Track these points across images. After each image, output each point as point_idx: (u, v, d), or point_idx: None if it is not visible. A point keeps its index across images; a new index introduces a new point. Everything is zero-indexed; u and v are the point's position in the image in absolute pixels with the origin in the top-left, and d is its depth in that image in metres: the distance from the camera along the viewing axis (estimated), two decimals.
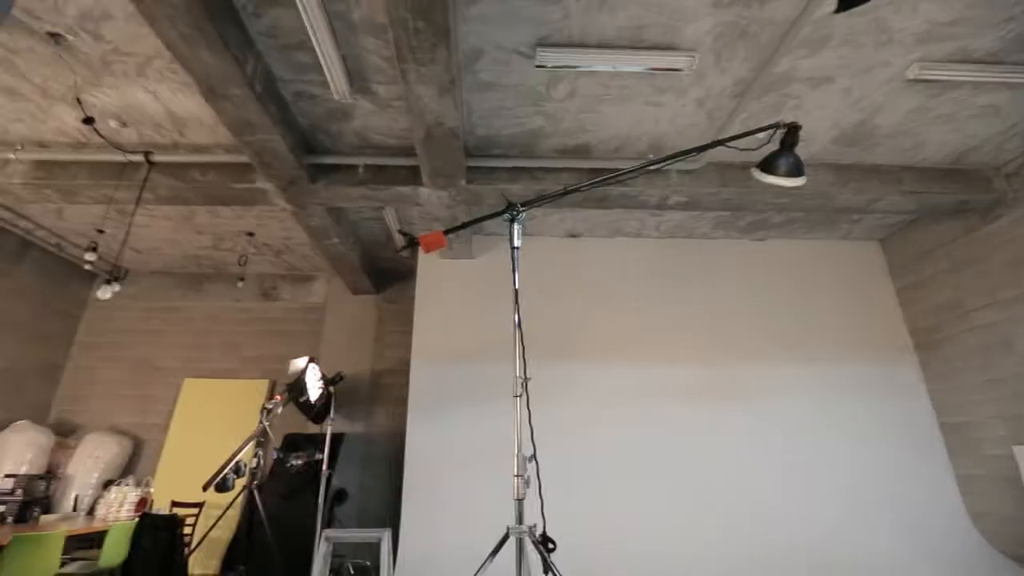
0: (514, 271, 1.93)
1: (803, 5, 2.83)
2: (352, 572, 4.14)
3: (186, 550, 4.18)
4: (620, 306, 5.39)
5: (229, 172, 4.11)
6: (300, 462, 4.37)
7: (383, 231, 5.50)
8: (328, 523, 4.35)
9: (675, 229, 5.56)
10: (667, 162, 3.66)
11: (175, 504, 4.97)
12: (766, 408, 5.09)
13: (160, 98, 3.57)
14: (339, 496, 4.76)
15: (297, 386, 4.33)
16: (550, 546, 1.57)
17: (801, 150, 2.11)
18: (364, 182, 4.11)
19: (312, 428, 5.28)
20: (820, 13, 2.88)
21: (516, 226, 1.96)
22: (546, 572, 1.52)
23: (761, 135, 2.07)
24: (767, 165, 2.07)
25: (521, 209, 1.97)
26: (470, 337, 5.11)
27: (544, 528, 1.62)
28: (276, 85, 3.36)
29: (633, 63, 3.19)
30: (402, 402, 5.09)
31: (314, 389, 4.48)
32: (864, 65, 3.34)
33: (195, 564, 5.06)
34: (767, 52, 3.18)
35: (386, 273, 6.45)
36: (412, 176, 4.09)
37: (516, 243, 1.95)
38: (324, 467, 3.98)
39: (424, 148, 3.56)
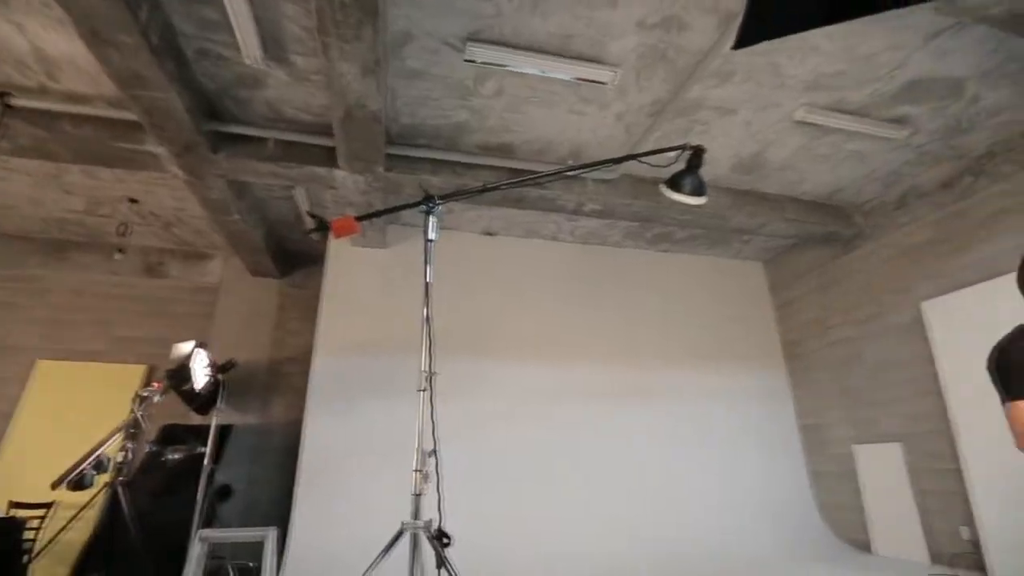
0: (427, 264, 1.90)
1: (715, 38, 3.07)
2: (233, 574, 3.85)
3: (26, 557, 3.64)
4: (534, 306, 5.52)
5: (111, 129, 3.63)
6: (178, 456, 3.98)
7: (292, 211, 5.17)
8: (208, 522, 4.01)
9: (588, 235, 5.79)
10: (585, 170, 3.84)
11: (15, 505, 4.31)
12: (662, 409, 5.47)
13: (26, 32, 3.07)
14: (222, 492, 4.41)
15: (181, 373, 3.95)
16: (445, 541, 1.56)
17: (705, 172, 2.28)
18: (274, 158, 3.83)
19: (197, 419, 4.83)
20: (728, 48, 3.15)
21: (432, 219, 1.93)
22: (440, 567, 1.52)
23: (671, 154, 2.22)
24: (674, 183, 2.23)
25: (439, 202, 1.94)
26: (378, 328, 4.96)
27: (440, 523, 1.61)
28: (177, 39, 3.03)
29: (561, 70, 3.28)
30: (301, 392, 4.82)
31: (201, 376, 4.11)
32: (762, 103, 3.69)
33: (39, 573, 4.43)
34: (682, 77, 3.42)
35: (293, 256, 6.07)
36: (327, 157, 3.88)
37: (431, 236, 1.92)
38: (207, 461, 3.67)
39: (343, 129, 3.40)
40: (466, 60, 3.17)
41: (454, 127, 3.89)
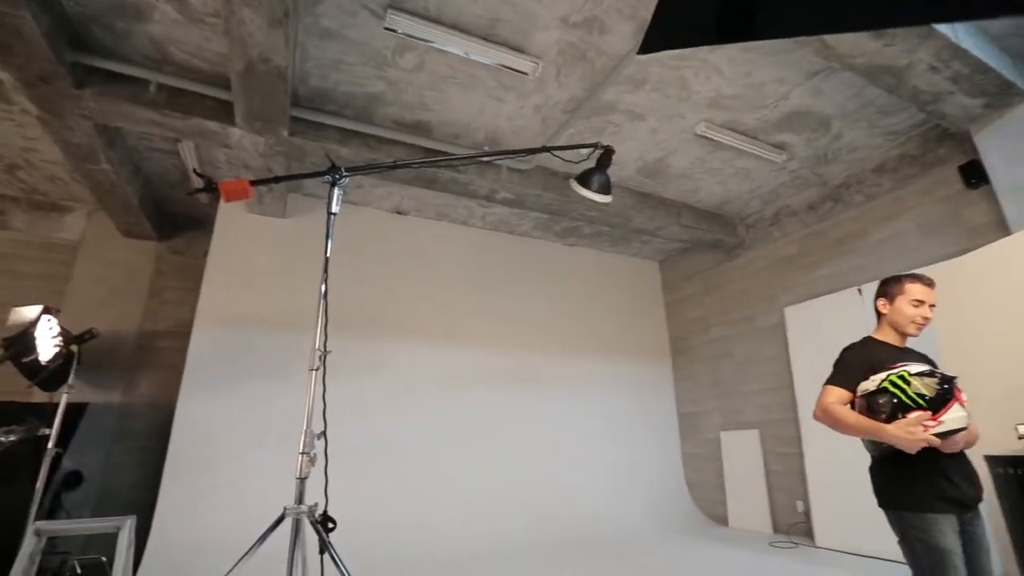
0: (328, 238, 1.80)
1: (632, 45, 3.22)
2: (79, 571, 3.42)
3: None
4: (439, 289, 5.47)
5: None
6: (13, 438, 3.42)
7: (177, 167, 4.63)
8: (50, 513, 3.52)
9: (499, 223, 5.84)
10: (501, 157, 3.83)
11: None
12: (556, 395, 5.71)
13: None
14: (70, 480, 3.89)
15: (21, 341, 3.40)
16: (330, 526, 1.51)
17: (612, 172, 2.40)
18: (156, 104, 3.39)
19: (41, 396, 4.20)
20: (641, 57, 3.31)
21: (337, 191, 1.82)
22: (323, 553, 1.47)
23: (583, 151, 2.30)
24: (583, 179, 2.31)
25: (346, 174, 1.84)
26: (269, 303, 4.63)
27: (326, 508, 1.56)
28: None
29: (484, 54, 3.24)
30: (176, 369, 4.37)
31: (47, 347, 3.57)
32: (668, 113, 3.94)
33: None
34: (599, 79, 3.54)
35: (175, 218, 5.44)
36: (222, 111, 3.52)
37: (334, 209, 1.82)
38: (50, 444, 3.21)
39: (242, 83, 3.09)
40: (386, 28, 3.02)
41: (368, 97, 3.71)
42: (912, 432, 1.44)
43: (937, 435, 1.44)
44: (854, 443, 1.71)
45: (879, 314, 1.75)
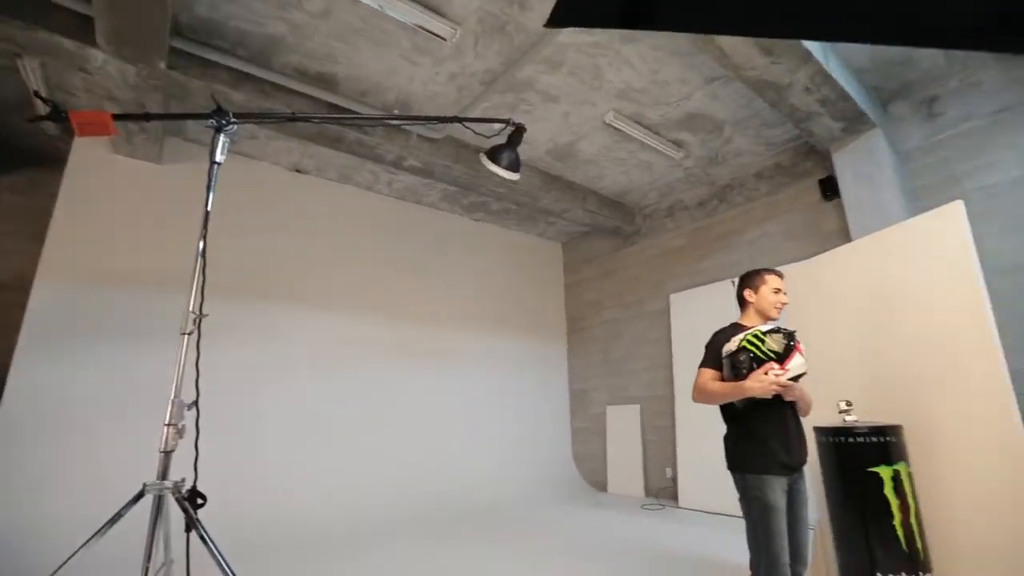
0: (209, 190, 1.62)
1: None
2: None
3: None
4: (338, 255, 5.20)
5: None
6: None
7: (18, 88, 3.86)
8: None
9: (406, 192, 5.66)
10: (412, 122, 3.67)
11: None
12: (454, 368, 5.75)
13: None
14: None
15: None
16: (199, 502, 1.40)
17: (523, 150, 2.42)
18: None
19: None
20: (560, 39, 3.34)
21: (222, 138, 1.64)
22: (189, 531, 1.36)
23: (496, 126, 2.28)
24: (493, 154, 2.30)
25: (234, 120, 1.66)
26: (133, 258, 4.09)
27: (195, 483, 1.44)
28: None
29: (400, 11, 3.06)
30: (9, 328, 3.73)
31: None
32: (581, 98, 4.04)
33: None
34: (516, 55, 3.51)
35: (13, 152, 4.57)
36: (81, 28, 2.98)
37: (218, 158, 1.63)
38: None
39: None
40: None
41: (267, 39, 3.36)
42: (763, 380, 1.69)
43: (786, 380, 1.71)
44: (716, 417, 1.93)
45: (745, 302, 1.99)
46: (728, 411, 1.88)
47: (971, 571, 2.02)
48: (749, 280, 2.01)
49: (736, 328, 1.93)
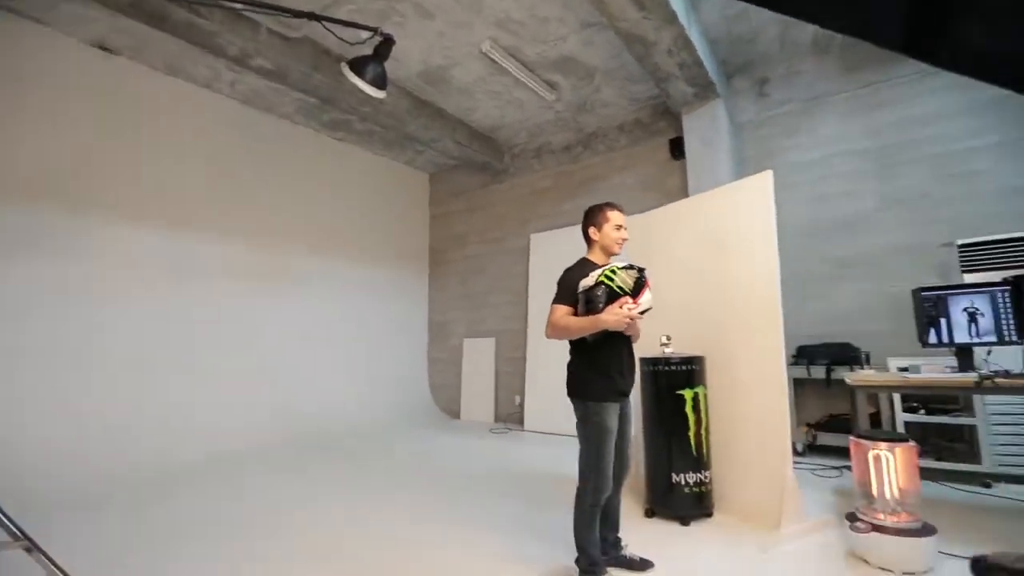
0: None
1: None
2: None
3: None
4: (164, 159, 4.40)
5: None
6: None
7: None
8: None
9: (253, 96, 4.92)
10: (259, 10, 3.14)
11: None
12: (311, 297, 5.41)
13: None
14: None
15: None
16: None
17: (392, 68, 2.23)
18: None
19: None
20: None
21: None
22: None
23: (362, 34, 2.05)
24: (357, 66, 2.08)
25: None
26: None
27: None
28: None
29: None
30: None
31: None
32: (458, 19, 3.80)
33: None
34: None
35: None
36: None
37: None
38: None
39: None
40: None
41: None
42: (618, 313, 1.85)
43: (638, 314, 1.88)
44: (562, 350, 2.10)
45: (591, 240, 2.12)
46: (576, 342, 2.01)
47: (739, 468, 2.58)
48: (593, 217, 2.11)
49: (585, 264, 2.06)
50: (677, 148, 4.81)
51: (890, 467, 2.02)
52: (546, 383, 5.25)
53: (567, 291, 1.98)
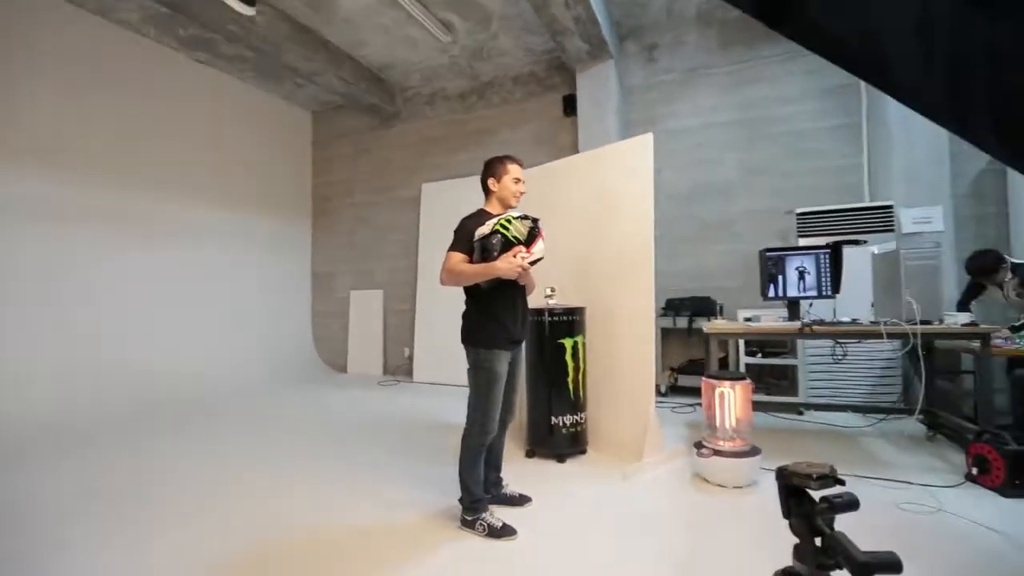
0: None
1: None
2: None
3: None
4: None
5: None
6: None
7: None
8: None
9: None
10: None
11: None
12: (175, 245, 4.77)
13: None
14: None
15: None
16: None
17: None
18: None
19: None
20: None
21: None
22: None
23: None
24: None
25: None
26: None
27: None
28: None
29: None
30: None
31: None
32: None
33: None
34: None
35: None
36: None
37: None
38: None
39: None
40: None
41: None
42: (512, 262, 1.88)
43: (530, 263, 1.93)
44: (451, 303, 2.10)
45: (489, 191, 2.12)
46: (471, 291, 2.03)
47: (610, 409, 2.83)
48: (492, 168, 2.11)
49: (482, 214, 2.06)
50: (570, 105, 4.89)
51: (730, 402, 2.35)
52: (435, 335, 5.25)
53: (463, 239, 1.99)
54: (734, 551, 1.74)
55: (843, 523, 0.79)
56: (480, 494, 1.95)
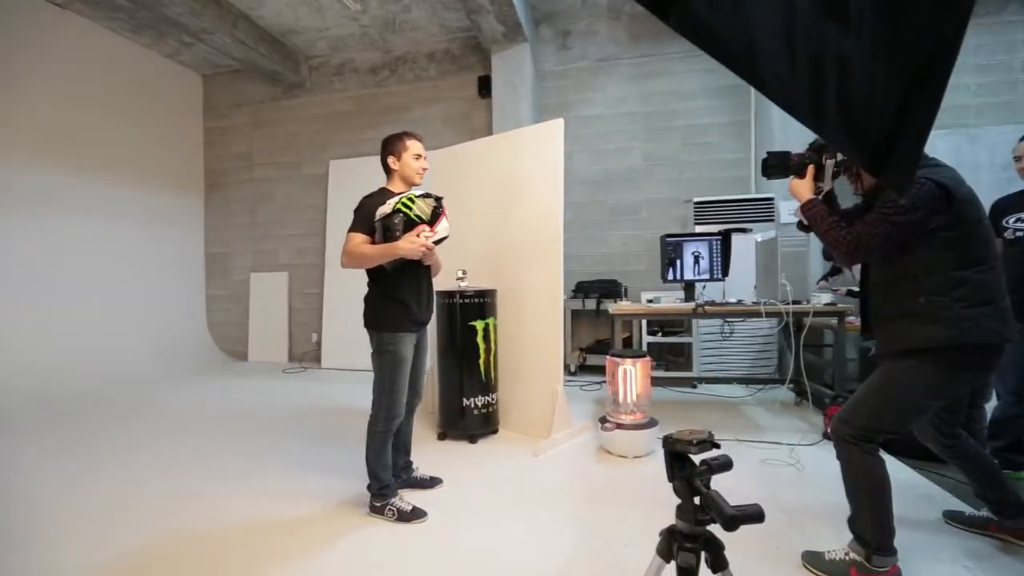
0: None
1: None
2: None
3: None
4: None
5: None
6: None
7: None
8: None
9: None
10: None
11: None
12: (35, 219, 4.12)
13: None
14: None
15: None
16: None
17: None
18: None
19: None
20: None
21: None
22: None
23: None
24: None
25: None
26: None
27: None
28: None
29: None
30: None
31: None
32: None
33: None
34: None
35: None
36: None
37: None
38: None
39: None
40: None
41: None
42: (416, 241, 1.83)
43: (434, 243, 1.89)
44: (362, 285, 2.02)
45: (390, 170, 2.04)
46: (374, 273, 1.96)
47: (521, 388, 2.90)
48: (391, 145, 2.03)
49: (384, 193, 1.99)
50: (485, 86, 4.84)
51: (632, 378, 2.50)
52: (345, 319, 5.03)
53: (364, 219, 1.91)
54: (632, 514, 1.87)
55: (721, 482, 0.87)
56: (388, 479, 1.93)
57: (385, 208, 1.88)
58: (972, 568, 1.50)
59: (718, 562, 0.87)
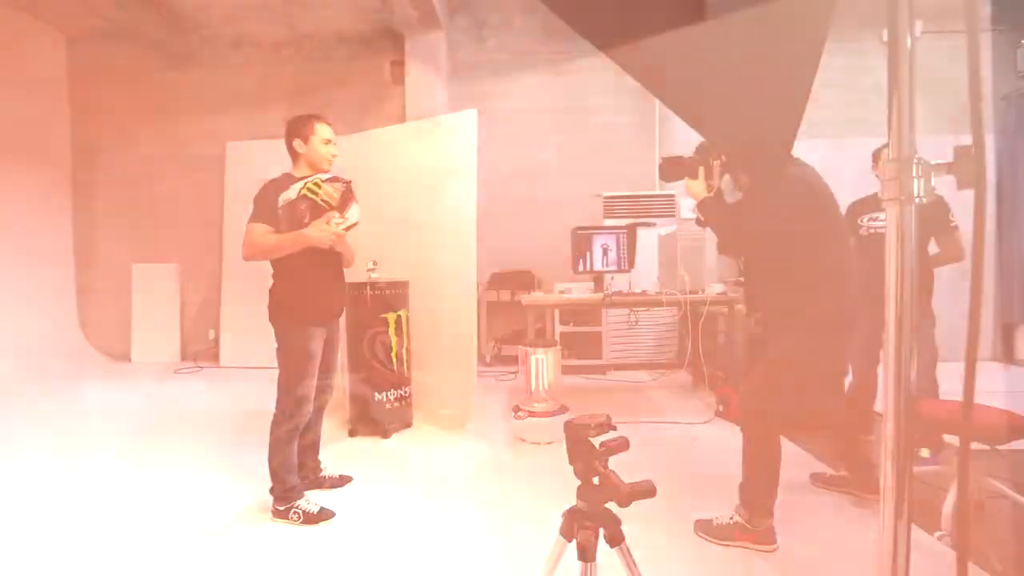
0: None
1: None
2: None
3: None
4: None
5: None
6: None
7: None
8: None
9: None
10: None
11: None
12: None
13: None
14: None
15: None
16: None
17: None
18: None
19: None
20: None
21: None
22: None
23: None
24: None
25: None
26: None
27: None
28: None
29: None
30: None
31: None
32: None
33: None
34: None
35: None
36: None
37: None
38: None
39: None
40: None
41: None
42: (325, 229, 1.73)
43: (344, 229, 1.78)
44: (264, 275, 1.88)
45: (296, 154, 1.90)
46: (280, 263, 1.83)
47: (435, 380, 2.87)
48: (298, 128, 1.89)
49: (288, 179, 1.86)
50: (398, 72, 4.70)
51: (543, 367, 2.58)
52: (247, 314, 4.68)
53: (266, 207, 1.79)
54: (539, 498, 1.93)
55: (621, 461, 0.92)
56: (293, 481, 1.83)
57: (289, 194, 1.77)
58: (832, 520, 1.73)
59: (614, 536, 0.93)
